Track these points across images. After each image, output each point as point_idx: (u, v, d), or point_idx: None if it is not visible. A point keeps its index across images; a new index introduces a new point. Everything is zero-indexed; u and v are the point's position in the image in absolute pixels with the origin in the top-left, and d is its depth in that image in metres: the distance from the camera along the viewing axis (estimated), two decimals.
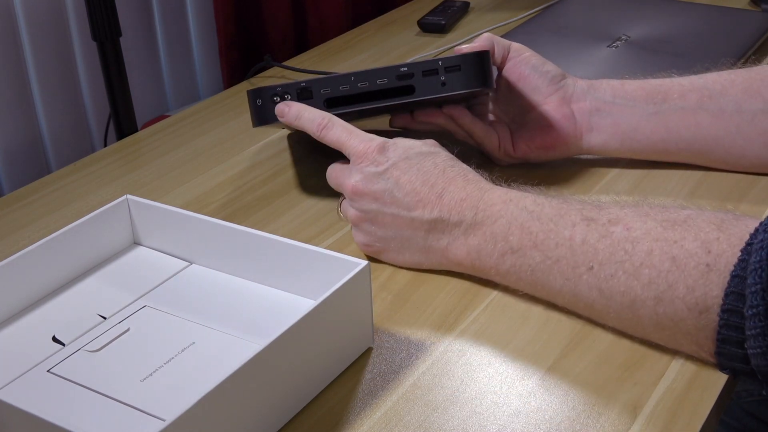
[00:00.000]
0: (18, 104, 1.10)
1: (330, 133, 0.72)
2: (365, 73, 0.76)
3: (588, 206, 0.64)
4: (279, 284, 0.67)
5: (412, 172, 0.68)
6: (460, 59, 0.76)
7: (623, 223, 0.61)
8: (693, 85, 0.81)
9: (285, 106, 0.75)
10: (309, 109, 0.74)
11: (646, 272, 0.59)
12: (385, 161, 0.69)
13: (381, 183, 0.69)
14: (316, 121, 0.73)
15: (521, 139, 0.83)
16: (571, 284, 0.62)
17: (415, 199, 0.68)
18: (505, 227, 0.65)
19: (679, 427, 0.56)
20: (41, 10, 1.11)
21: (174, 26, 1.30)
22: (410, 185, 0.68)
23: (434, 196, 0.67)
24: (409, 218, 0.68)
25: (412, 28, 1.26)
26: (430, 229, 0.68)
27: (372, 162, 0.69)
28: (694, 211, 0.61)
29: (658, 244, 0.59)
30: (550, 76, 0.81)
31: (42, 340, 0.64)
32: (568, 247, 0.62)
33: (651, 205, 0.63)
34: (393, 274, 0.72)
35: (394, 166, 0.69)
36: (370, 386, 0.61)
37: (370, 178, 0.69)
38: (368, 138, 0.71)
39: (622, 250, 0.60)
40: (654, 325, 0.60)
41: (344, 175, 0.72)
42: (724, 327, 0.56)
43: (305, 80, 0.76)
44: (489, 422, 0.57)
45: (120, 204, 0.72)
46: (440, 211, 0.67)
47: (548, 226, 0.63)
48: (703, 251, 0.57)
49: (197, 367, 0.60)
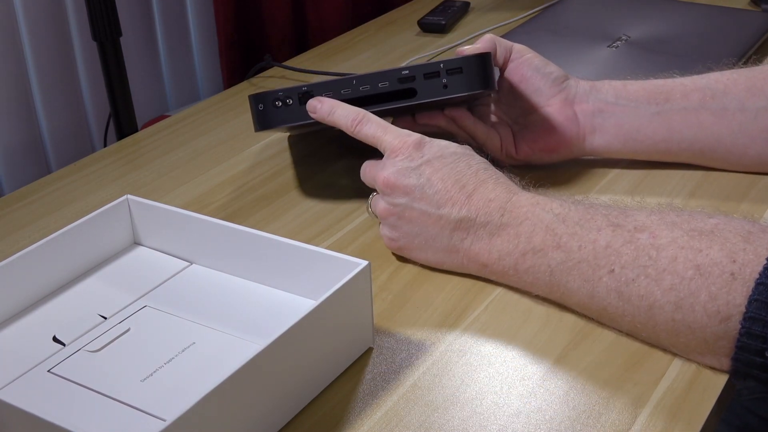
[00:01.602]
0: (18, 104, 1.10)
1: (365, 128, 0.72)
2: (367, 76, 0.76)
3: (614, 212, 0.64)
4: (279, 284, 0.67)
5: (445, 170, 0.68)
6: (462, 62, 0.76)
7: (649, 231, 0.61)
8: (695, 85, 0.80)
9: (317, 102, 0.75)
10: (342, 106, 0.74)
11: (668, 278, 0.59)
12: (419, 157, 0.69)
13: (413, 178, 0.69)
14: (350, 117, 0.73)
15: (524, 141, 0.83)
16: (590, 286, 0.62)
17: (445, 197, 0.68)
18: (530, 228, 0.65)
19: (680, 427, 0.56)
20: (41, 10, 1.11)
21: (174, 26, 1.30)
22: (442, 183, 0.68)
23: (464, 196, 0.67)
24: (436, 215, 0.68)
25: (412, 28, 1.26)
26: (456, 227, 0.68)
27: (407, 157, 0.69)
28: (721, 220, 0.60)
29: (683, 252, 0.59)
30: (552, 78, 0.81)
31: (42, 340, 0.64)
32: (591, 249, 0.62)
33: (678, 212, 0.63)
34: (393, 274, 0.72)
35: (428, 163, 0.69)
36: (370, 386, 0.61)
37: (403, 172, 0.69)
38: (404, 134, 0.71)
39: (646, 256, 0.60)
40: (668, 331, 0.60)
41: (377, 168, 0.71)
42: (745, 335, 0.56)
43: (307, 84, 0.76)
44: (489, 422, 0.57)
45: (120, 204, 0.72)
46: (468, 210, 0.67)
47: (573, 229, 0.63)
48: (729, 260, 0.57)
49: (197, 367, 0.60)
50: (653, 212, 0.63)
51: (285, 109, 0.77)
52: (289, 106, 0.77)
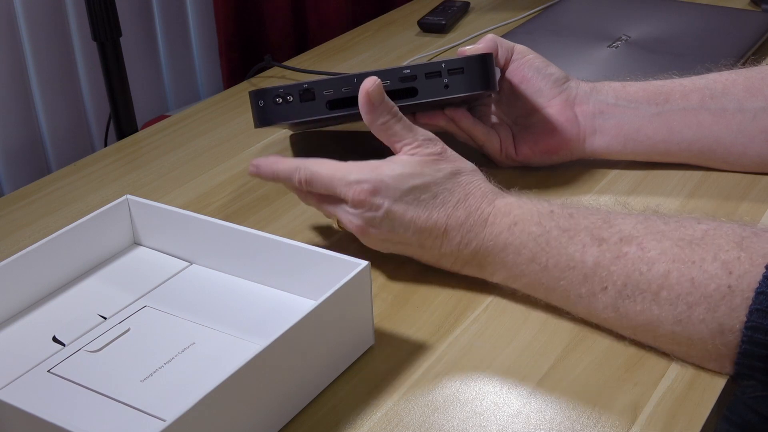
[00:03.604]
0: (18, 104, 1.10)
1: (314, 182, 0.69)
2: (368, 74, 0.76)
3: (597, 222, 0.63)
4: (279, 284, 0.67)
5: (411, 210, 0.66)
6: (464, 62, 0.76)
7: (636, 242, 0.60)
8: (695, 85, 0.80)
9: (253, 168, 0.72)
10: (282, 161, 0.71)
11: (664, 294, 0.58)
12: (381, 205, 0.66)
13: (385, 224, 0.67)
14: (292, 175, 0.70)
15: (524, 142, 0.82)
16: (585, 302, 0.62)
17: (423, 236, 0.67)
18: (514, 256, 0.65)
19: (680, 428, 0.56)
20: (41, 10, 1.11)
21: (174, 26, 1.31)
22: (414, 225, 0.67)
23: (439, 233, 0.67)
24: (418, 244, 0.68)
25: (412, 28, 1.26)
26: (442, 258, 0.68)
27: (369, 208, 0.67)
28: (710, 225, 0.60)
29: (675, 266, 0.58)
30: (553, 79, 0.81)
31: (42, 340, 0.64)
32: (580, 270, 0.61)
33: (665, 219, 0.62)
34: (393, 274, 0.72)
35: (390, 210, 0.66)
36: (370, 386, 0.61)
37: (372, 222, 0.67)
38: (354, 181, 0.67)
39: (637, 272, 0.59)
40: (669, 342, 0.60)
41: (343, 214, 0.69)
42: (747, 342, 0.56)
43: (308, 81, 0.76)
44: (489, 422, 0.57)
45: (120, 204, 0.72)
46: (449, 245, 0.67)
47: (557, 250, 0.63)
48: (725, 272, 0.56)
49: (197, 368, 0.60)
50: (639, 220, 0.62)
51: (285, 106, 0.77)
52: (290, 103, 0.76)
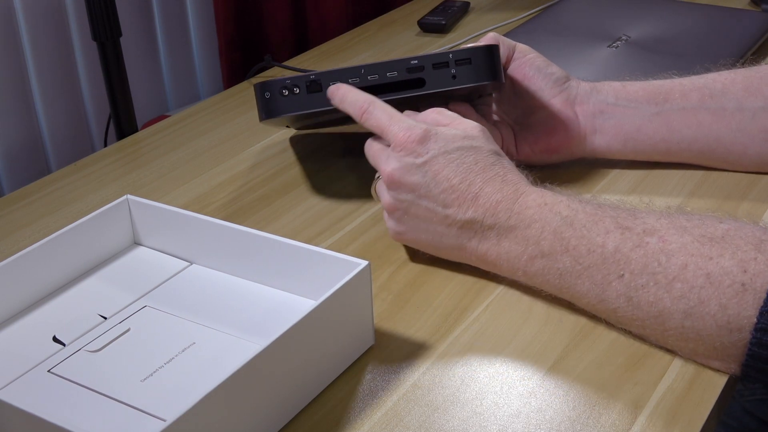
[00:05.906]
0: (18, 104, 1.10)
1: (371, 118, 0.70)
2: (375, 65, 0.76)
3: (623, 213, 0.63)
4: (279, 284, 0.67)
5: (451, 167, 0.67)
6: (471, 52, 0.75)
7: (659, 235, 0.60)
8: (694, 85, 0.81)
9: (336, 89, 0.74)
10: (354, 92, 0.72)
11: (678, 286, 0.58)
12: (424, 153, 0.67)
13: (418, 175, 0.67)
14: (358, 104, 0.71)
15: (525, 141, 0.83)
16: (599, 290, 0.62)
17: (452, 196, 0.67)
18: (538, 232, 0.64)
19: (680, 427, 0.56)
20: (41, 10, 1.11)
21: (174, 26, 1.31)
22: (447, 182, 0.67)
23: (470, 196, 0.66)
24: (443, 215, 0.67)
25: (412, 28, 1.26)
26: (463, 227, 0.67)
27: (411, 152, 0.67)
28: (732, 225, 0.60)
29: (693, 259, 0.58)
30: (554, 78, 0.81)
31: (42, 340, 0.64)
32: (600, 254, 0.62)
33: (688, 217, 0.62)
34: (393, 274, 0.72)
35: (433, 160, 0.67)
36: (370, 386, 0.61)
37: (407, 169, 0.68)
38: (409, 126, 0.68)
39: (656, 262, 0.59)
40: (677, 337, 0.60)
41: (382, 159, 0.70)
42: (756, 345, 0.56)
43: (315, 72, 0.76)
44: (489, 422, 0.57)
45: (120, 204, 0.72)
46: (474, 212, 0.66)
47: (581, 232, 0.63)
48: (739, 270, 0.57)
49: (197, 368, 0.60)
50: (663, 215, 0.63)
51: (292, 98, 0.76)
52: (296, 95, 0.76)
